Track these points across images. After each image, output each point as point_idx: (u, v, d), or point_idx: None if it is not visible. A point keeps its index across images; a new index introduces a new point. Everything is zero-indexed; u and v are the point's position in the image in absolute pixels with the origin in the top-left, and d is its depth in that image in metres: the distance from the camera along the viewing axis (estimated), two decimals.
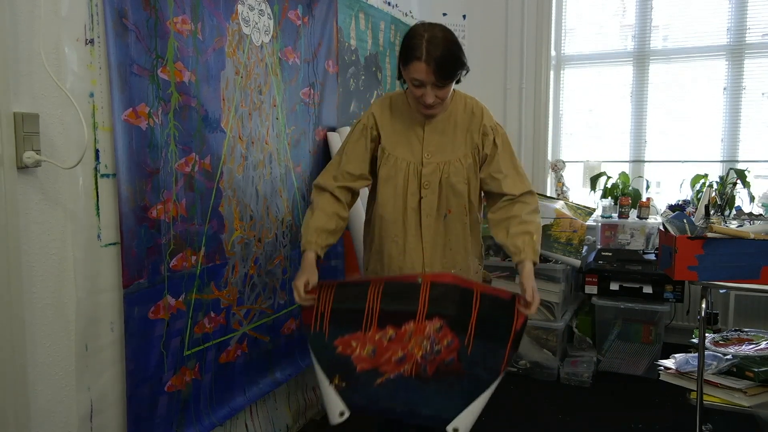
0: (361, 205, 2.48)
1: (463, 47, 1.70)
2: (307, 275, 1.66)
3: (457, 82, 1.74)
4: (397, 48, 3.19)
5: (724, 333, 2.27)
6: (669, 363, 2.22)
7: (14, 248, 1.35)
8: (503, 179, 1.78)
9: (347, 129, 2.65)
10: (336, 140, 2.54)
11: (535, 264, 1.69)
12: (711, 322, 2.70)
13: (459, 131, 1.79)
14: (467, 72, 1.74)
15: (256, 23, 2.09)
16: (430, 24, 1.69)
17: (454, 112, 1.80)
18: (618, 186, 3.39)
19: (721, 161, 3.44)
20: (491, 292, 1.67)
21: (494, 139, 1.79)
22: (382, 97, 1.90)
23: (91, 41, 1.51)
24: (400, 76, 1.73)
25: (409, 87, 1.71)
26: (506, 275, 3.08)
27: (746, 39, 3.35)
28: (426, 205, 1.78)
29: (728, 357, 2.11)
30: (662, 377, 2.21)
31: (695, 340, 2.19)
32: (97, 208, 1.56)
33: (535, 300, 1.61)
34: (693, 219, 2.21)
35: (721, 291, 3.20)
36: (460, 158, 1.78)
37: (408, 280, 1.67)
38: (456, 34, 1.71)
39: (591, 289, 3.13)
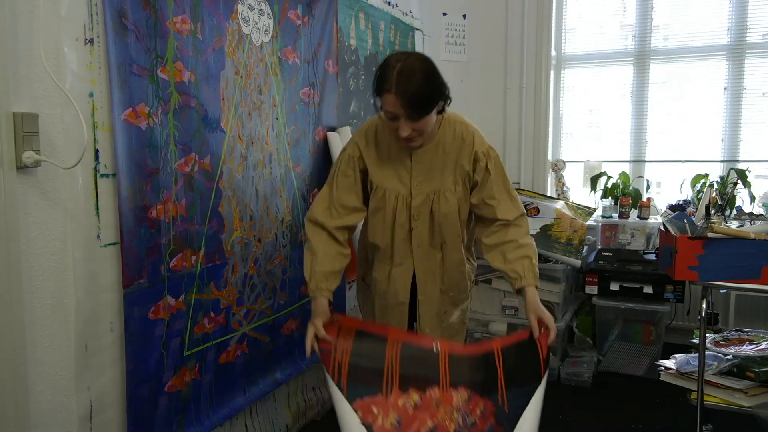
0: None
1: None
2: (323, 317, 1.65)
3: (441, 111, 1.66)
4: (397, 48, 3.20)
5: (725, 333, 2.27)
6: (669, 363, 2.22)
7: (14, 248, 1.35)
8: (497, 205, 1.73)
9: (347, 129, 2.65)
10: (336, 140, 2.54)
11: (537, 288, 1.67)
12: (711, 322, 2.69)
13: (449, 160, 1.74)
14: (449, 101, 1.66)
15: (256, 23, 2.09)
16: (405, 53, 1.63)
17: (442, 140, 1.73)
18: (618, 186, 3.39)
19: (721, 161, 3.44)
20: (510, 341, 1.60)
21: (486, 165, 1.73)
22: (365, 123, 1.81)
23: (91, 41, 1.51)
24: (376, 108, 1.63)
25: (384, 119, 1.63)
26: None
27: (747, 39, 3.35)
28: (416, 236, 1.77)
29: (729, 357, 2.10)
30: (663, 377, 2.21)
31: (696, 341, 2.19)
32: (97, 208, 1.56)
33: (552, 327, 1.57)
34: (693, 219, 2.20)
35: (721, 291, 3.20)
36: (450, 188, 1.75)
37: (424, 346, 1.58)
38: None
39: (591, 289, 3.13)
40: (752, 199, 3.05)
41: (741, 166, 3.29)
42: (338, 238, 1.75)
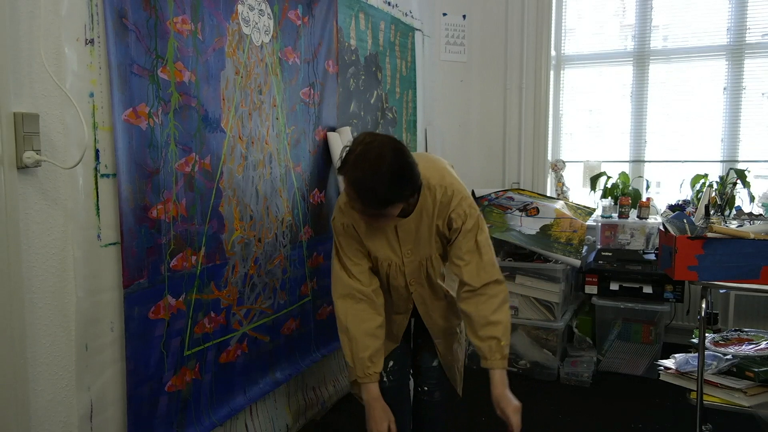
0: None
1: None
2: (386, 418, 1.63)
3: (413, 195, 1.60)
4: (397, 48, 3.20)
5: (724, 333, 2.27)
6: (669, 363, 2.22)
7: (14, 248, 1.35)
8: (463, 266, 1.68)
9: (347, 129, 2.65)
10: (336, 140, 2.54)
11: (505, 368, 1.65)
12: (711, 322, 2.69)
13: (432, 223, 1.71)
14: (419, 189, 1.61)
15: (256, 23, 2.09)
16: (374, 143, 1.49)
17: (425, 205, 1.69)
18: (618, 186, 3.39)
19: (721, 161, 3.44)
20: None
21: (462, 225, 1.68)
22: (343, 196, 1.68)
23: (91, 41, 1.51)
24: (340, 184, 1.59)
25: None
26: (506, 275, 3.07)
27: (746, 39, 3.35)
28: (417, 296, 1.84)
29: (728, 357, 2.11)
30: (662, 377, 2.21)
31: (695, 340, 2.19)
32: (97, 208, 1.56)
33: (514, 423, 1.58)
34: (693, 219, 2.21)
35: (721, 291, 3.20)
36: (438, 250, 1.77)
37: None
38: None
39: (591, 289, 3.13)
40: (752, 199, 3.05)
41: (740, 166, 3.29)
42: (372, 298, 1.74)
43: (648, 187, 3.57)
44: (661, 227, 2.26)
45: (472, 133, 3.85)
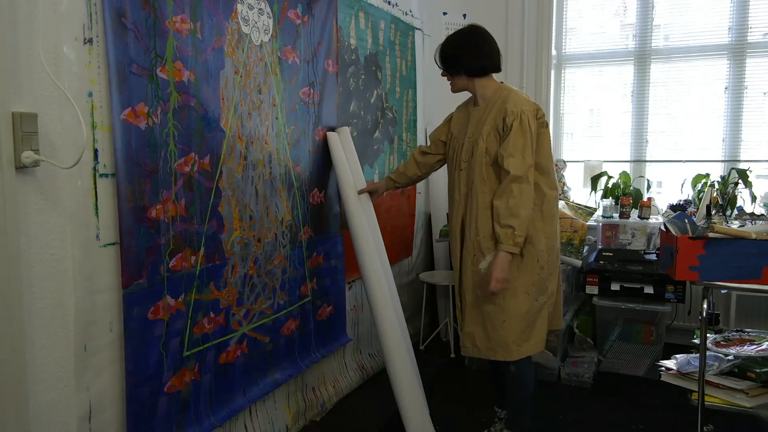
0: (360, 209, 2.45)
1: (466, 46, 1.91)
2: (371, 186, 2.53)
3: (470, 75, 2.13)
4: (397, 47, 3.19)
5: (726, 333, 2.26)
6: (670, 363, 2.22)
7: (13, 248, 1.34)
8: (507, 157, 1.99)
9: (346, 129, 2.65)
10: (335, 140, 2.54)
11: (514, 253, 1.99)
12: (712, 322, 2.68)
13: (491, 116, 2.09)
14: (460, 64, 2.12)
15: (256, 22, 2.08)
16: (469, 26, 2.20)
17: (493, 102, 2.11)
18: (619, 186, 3.38)
19: (722, 161, 3.43)
20: None
21: (512, 123, 2.00)
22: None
23: (90, 40, 1.50)
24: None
25: None
26: None
27: (748, 38, 3.34)
28: (462, 177, 2.15)
29: (730, 358, 2.10)
30: (663, 378, 2.21)
31: (696, 341, 2.18)
32: (96, 208, 1.55)
33: (496, 283, 1.98)
34: (694, 219, 2.20)
35: (722, 291, 3.20)
36: (484, 136, 2.08)
37: None
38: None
39: (592, 290, 3.12)
40: (753, 199, 3.04)
41: (742, 165, 3.29)
42: (429, 161, 2.40)
43: (649, 187, 3.57)
44: (663, 227, 2.25)
45: None
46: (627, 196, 3.28)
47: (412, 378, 2.33)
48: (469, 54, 2.10)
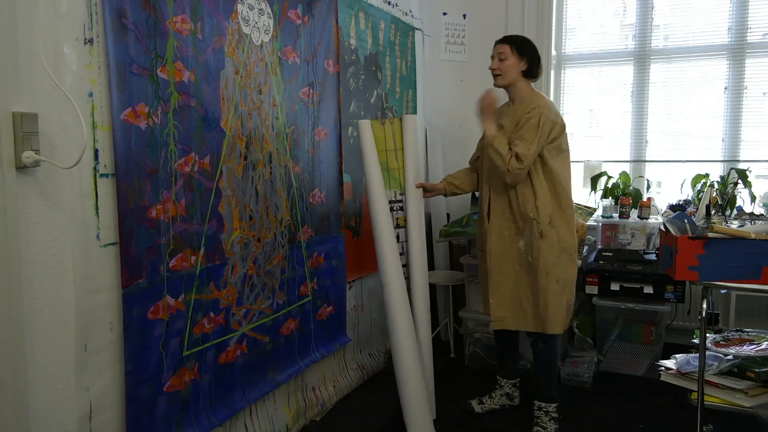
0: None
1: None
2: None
3: (527, 75, 2.34)
4: (397, 48, 3.20)
5: (725, 333, 2.26)
6: (670, 363, 2.22)
7: (13, 248, 1.35)
8: (515, 140, 2.24)
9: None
10: (366, 128, 2.50)
11: (492, 138, 2.28)
12: (712, 322, 2.69)
13: (524, 114, 2.29)
14: (535, 71, 2.35)
15: (256, 23, 2.08)
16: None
17: (525, 105, 2.32)
18: (619, 186, 3.38)
19: (722, 161, 3.43)
20: None
21: (530, 116, 2.24)
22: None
23: (90, 41, 1.50)
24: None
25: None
26: None
27: (747, 38, 3.34)
28: (486, 170, 2.43)
29: (729, 357, 2.10)
30: (663, 378, 2.21)
31: (696, 341, 2.18)
32: (96, 208, 1.55)
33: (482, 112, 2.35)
34: (694, 219, 2.20)
35: (722, 291, 3.20)
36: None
37: None
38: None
39: (592, 290, 3.12)
40: (753, 199, 3.04)
41: (741, 165, 3.29)
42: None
43: (649, 187, 3.57)
44: (662, 227, 2.25)
45: (472, 132, 3.83)
46: (627, 196, 3.28)
47: (418, 379, 2.34)
48: (538, 57, 2.36)
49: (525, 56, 2.32)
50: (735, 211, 2.93)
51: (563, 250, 2.33)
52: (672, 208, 3.22)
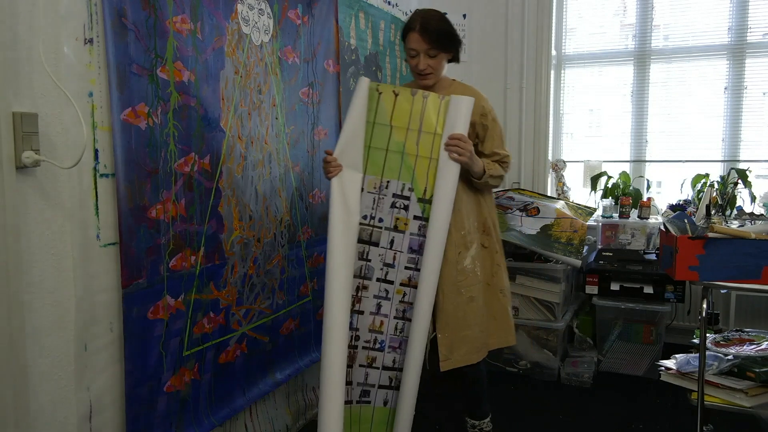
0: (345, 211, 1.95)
1: (464, 46, 1.78)
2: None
3: (454, 60, 2.03)
4: (398, 47, 3.20)
5: (726, 333, 2.26)
6: (670, 363, 2.22)
7: (13, 248, 1.35)
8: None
9: (471, 99, 2.52)
10: (362, 88, 2.43)
11: (480, 176, 1.98)
12: (712, 322, 2.69)
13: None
14: (459, 47, 2.00)
15: (256, 23, 2.08)
16: (428, 8, 2.00)
17: (454, 92, 2.01)
18: (619, 186, 3.38)
19: (722, 161, 3.43)
20: None
21: (491, 119, 2.06)
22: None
23: (90, 41, 1.51)
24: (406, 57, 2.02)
25: (408, 59, 1.99)
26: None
27: (747, 38, 3.34)
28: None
29: (729, 357, 2.10)
30: (663, 378, 2.21)
31: (696, 341, 2.18)
32: (96, 208, 1.55)
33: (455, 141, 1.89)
34: (694, 219, 2.20)
35: (722, 291, 3.20)
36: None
37: None
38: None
39: (592, 290, 3.13)
40: (753, 199, 3.04)
41: (742, 165, 3.29)
42: None
43: (649, 186, 3.57)
44: (662, 227, 2.25)
45: None
46: (627, 196, 3.28)
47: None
48: (460, 40, 2.01)
49: (453, 49, 2.00)
50: (735, 211, 2.93)
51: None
52: (672, 208, 3.22)
